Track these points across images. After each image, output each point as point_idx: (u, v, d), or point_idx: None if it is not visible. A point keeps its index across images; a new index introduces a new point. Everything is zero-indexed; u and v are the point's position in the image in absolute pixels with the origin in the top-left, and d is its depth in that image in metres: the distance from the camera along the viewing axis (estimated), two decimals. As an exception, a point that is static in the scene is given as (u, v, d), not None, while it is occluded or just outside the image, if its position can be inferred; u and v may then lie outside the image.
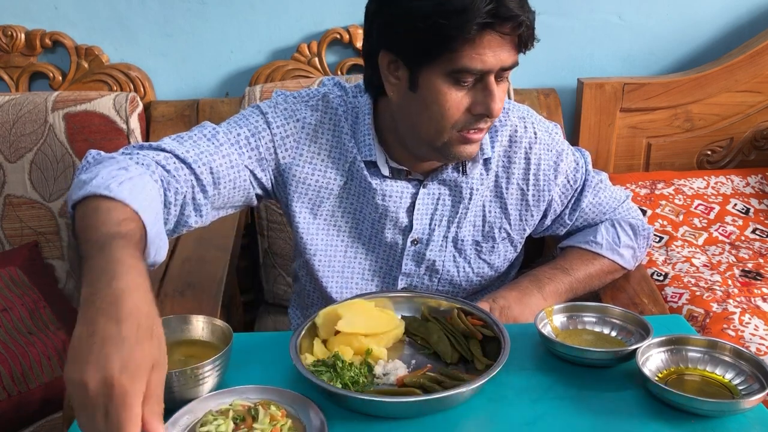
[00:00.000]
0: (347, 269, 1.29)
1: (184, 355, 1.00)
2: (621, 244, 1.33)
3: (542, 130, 1.27)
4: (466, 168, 1.21)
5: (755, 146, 2.14)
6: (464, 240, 1.26)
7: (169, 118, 1.98)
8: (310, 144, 1.20)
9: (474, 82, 1.06)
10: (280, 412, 0.88)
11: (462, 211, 1.24)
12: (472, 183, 1.23)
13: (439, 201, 1.23)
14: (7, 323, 1.61)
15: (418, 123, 1.11)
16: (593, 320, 1.08)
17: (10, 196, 1.89)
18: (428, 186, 1.22)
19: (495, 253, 1.29)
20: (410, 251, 1.26)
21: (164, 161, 1.07)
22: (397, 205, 1.22)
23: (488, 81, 1.05)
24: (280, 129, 1.19)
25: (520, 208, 1.27)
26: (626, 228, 1.35)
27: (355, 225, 1.26)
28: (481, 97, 1.06)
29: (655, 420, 0.90)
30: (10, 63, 2.02)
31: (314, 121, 1.20)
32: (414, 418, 0.91)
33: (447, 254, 1.27)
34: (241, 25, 2.04)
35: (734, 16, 2.10)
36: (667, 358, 0.99)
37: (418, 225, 1.24)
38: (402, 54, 1.07)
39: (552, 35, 2.09)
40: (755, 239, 1.88)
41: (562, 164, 1.28)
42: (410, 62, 1.07)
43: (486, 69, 1.04)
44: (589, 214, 1.34)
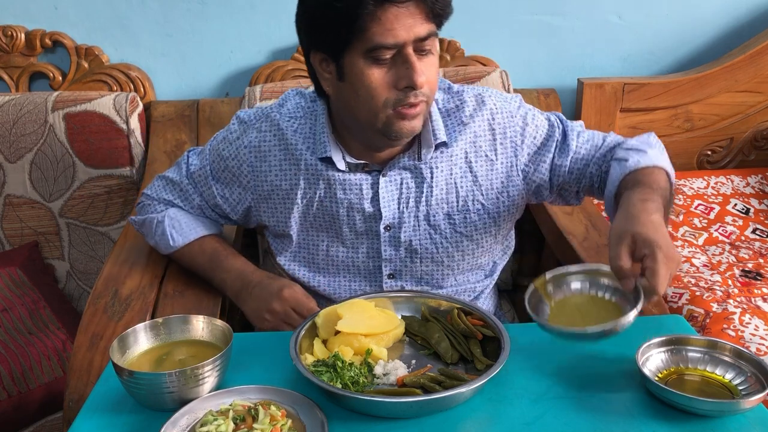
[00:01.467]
0: (332, 266, 1.32)
1: (184, 355, 1.00)
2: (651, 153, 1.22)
3: (501, 101, 1.30)
4: (421, 154, 1.24)
5: (755, 146, 2.14)
6: (436, 215, 1.28)
7: (169, 118, 1.98)
8: (261, 163, 1.29)
9: (393, 57, 1.10)
10: (280, 412, 0.88)
11: (427, 190, 1.26)
12: (431, 162, 1.25)
13: (402, 185, 1.26)
14: (7, 323, 1.61)
15: (355, 109, 1.16)
16: (586, 285, 1.05)
17: (10, 196, 1.89)
18: (388, 174, 1.25)
19: (470, 224, 1.29)
20: (386, 237, 1.29)
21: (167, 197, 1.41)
22: (359, 197, 1.26)
23: (406, 53, 1.09)
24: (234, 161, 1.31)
25: (491, 177, 1.28)
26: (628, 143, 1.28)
27: (330, 223, 1.30)
28: (403, 70, 1.10)
29: (655, 420, 0.90)
30: (10, 63, 2.02)
31: (257, 141, 1.29)
32: (414, 418, 0.91)
33: (422, 232, 1.29)
34: (241, 25, 2.04)
35: (734, 16, 2.10)
36: (668, 358, 0.99)
37: (386, 212, 1.27)
38: (324, 48, 1.14)
39: (552, 35, 2.09)
40: (755, 239, 1.88)
41: (529, 128, 1.29)
42: (333, 54, 1.13)
43: (399, 42, 1.08)
44: (582, 153, 1.30)
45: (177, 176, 1.39)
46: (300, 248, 1.33)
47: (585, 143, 1.31)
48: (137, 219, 1.43)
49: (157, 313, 1.29)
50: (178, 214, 1.37)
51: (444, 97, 1.28)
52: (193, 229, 1.37)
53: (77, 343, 1.23)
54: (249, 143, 1.30)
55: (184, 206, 1.39)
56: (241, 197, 1.33)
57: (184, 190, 1.38)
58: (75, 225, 1.91)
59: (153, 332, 1.02)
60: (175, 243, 1.36)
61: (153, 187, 1.43)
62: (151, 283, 1.37)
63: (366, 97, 1.13)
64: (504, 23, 2.08)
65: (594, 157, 1.30)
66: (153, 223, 1.38)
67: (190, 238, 1.36)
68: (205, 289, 1.35)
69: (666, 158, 1.27)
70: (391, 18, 1.06)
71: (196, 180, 1.37)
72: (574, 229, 1.55)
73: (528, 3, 2.06)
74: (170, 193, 1.39)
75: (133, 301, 1.31)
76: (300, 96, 1.33)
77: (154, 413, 0.92)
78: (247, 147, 1.30)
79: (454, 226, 1.29)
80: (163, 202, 1.40)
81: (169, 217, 1.37)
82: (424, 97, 1.13)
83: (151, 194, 1.42)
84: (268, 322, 1.25)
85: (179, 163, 1.40)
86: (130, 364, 0.97)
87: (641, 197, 1.07)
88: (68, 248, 1.92)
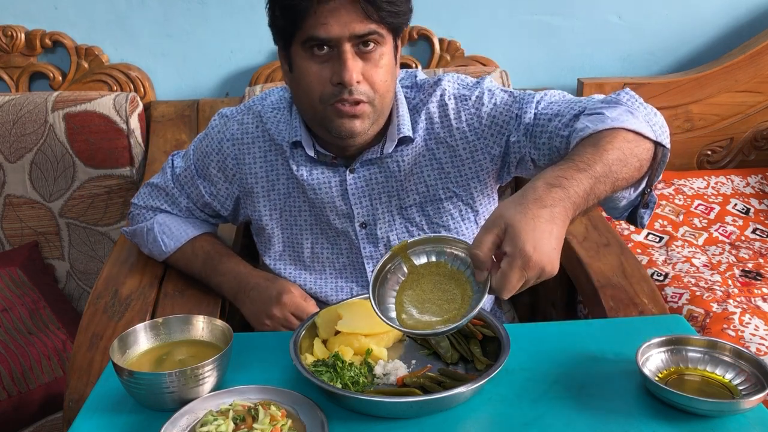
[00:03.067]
0: (317, 264, 1.32)
1: (184, 355, 1.00)
2: (610, 114, 1.05)
3: (456, 85, 1.27)
4: (384, 148, 1.23)
5: (755, 146, 2.14)
6: (409, 208, 1.27)
7: (169, 118, 1.98)
8: (244, 156, 1.30)
9: (330, 53, 1.11)
10: (280, 412, 0.88)
11: (396, 184, 1.26)
12: (397, 156, 1.24)
13: (371, 180, 1.26)
14: (7, 323, 1.61)
15: (299, 101, 1.20)
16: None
17: (10, 196, 1.89)
18: (356, 171, 1.25)
19: (445, 213, 1.28)
20: (363, 235, 1.29)
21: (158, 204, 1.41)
22: (329, 195, 1.26)
23: (341, 50, 1.10)
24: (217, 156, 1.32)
25: (457, 164, 1.26)
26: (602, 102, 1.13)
27: (311, 222, 1.30)
28: (337, 66, 1.11)
29: (655, 420, 0.90)
30: (10, 63, 2.02)
31: (240, 133, 1.30)
32: (414, 418, 0.91)
33: (398, 227, 1.28)
34: (241, 25, 2.04)
35: (734, 16, 2.10)
36: (667, 358, 0.99)
37: (358, 209, 1.27)
38: (278, 39, 1.18)
39: (552, 35, 2.09)
40: (755, 239, 1.88)
41: (485, 108, 1.23)
42: (283, 45, 1.17)
43: (331, 36, 1.09)
44: (541, 124, 1.17)
45: (162, 181, 1.39)
46: (285, 247, 1.33)
47: (546, 113, 1.18)
48: (128, 230, 1.44)
49: (157, 313, 1.29)
50: (166, 219, 1.38)
51: (410, 92, 1.27)
52: (183, 231, 1.37)
53: (77, 343, 1.23)
54: (231, 136, 1.30)
55: (172, 210, 1.39)
56: (229, 191, 1.33)
57: (171, 194, 1.38)
58: (75, 225, 1.91)
59: (153, 332, 1.02)
60: (167, 248, 1.36)
61: (140, 195, 1.43)
62: (151, 283, 1.37)
63: (305, 90, 1.15)
64: (504, 23, 2.08)
65: (557, 128, 1.15)
66: (144, 232, 1.39)
67: (181, 241, 1.36)
68: (205, 289, 1.35)
69: (637, 116, 1.06)
70: (326, 12, 1.08)
71: (182, 182, 1.37)
72: (574, 229, 1.55)
73: (528, 3, 2.06)
74: (157, 199, 1.40)
75: (133, 301, 1.31)
76: (284, 90, 1.33)
77: (154, 413, 0.92)
78: (229, 140, 1.30)
79: (429, 217, 1.28)
80: (151, 209, 1.40)
81: (158, 223, 1.37)
82: (363, 96, 1.13)
83: (138, 203, 1.43)
84: (268, 327, 1.25)
85: (164, 168, 1.41)
86: (130, 364, 0.97)
87: (551, 180, 0.92)
88: (68, 248, 1.92)
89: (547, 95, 1.23)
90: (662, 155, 1.07)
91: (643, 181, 1.07)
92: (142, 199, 1.42)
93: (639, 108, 1.10)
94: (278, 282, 1.28)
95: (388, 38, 1.13)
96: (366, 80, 1.12)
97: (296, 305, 1.24)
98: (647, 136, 1.04)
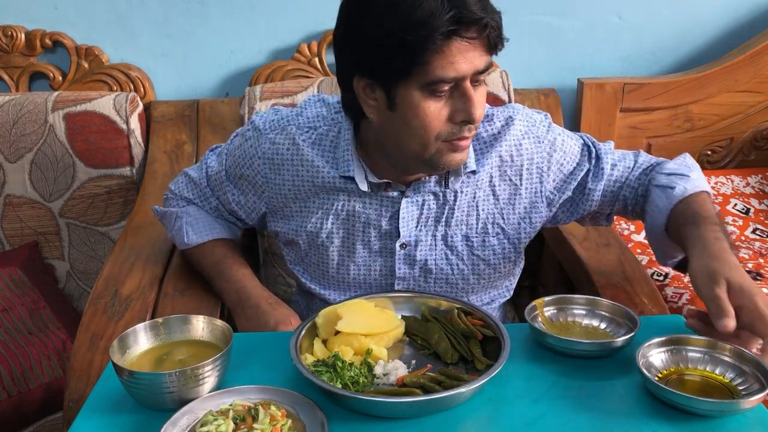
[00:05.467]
0: (343, 282, 1.30)
1: (184, 355, 1.00)
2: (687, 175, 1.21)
3: (529, 124, 1.26)
4: (449, 181, 1.21)
5: (755, 146, 2.14)
6: (454, 236, 1.26)
7: (169, 118, 1.98)
8: (275, 175, 1.27)
9: (450, 90, 1.06)
10: (280, 412, 0.88)
11: (448, 212, 1.24)
12: (455, 187, 1.23)
13: (424, 206, 1.24)
14: (7, 323, 1.61)
15: (403, 140, 1.12)
16: (582, 313, 1.11)
17: (10, 196, 1.89)
18: (411, 196, 1.23)
19: (488, 248, 1.27)
20: (401, 255, 1.26)
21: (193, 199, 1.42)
22: (378, 213, 1.24)
23: (465, 87, 1.05)
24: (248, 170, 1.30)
25: (514, 202, 1.26)
26: (667, 167, 1.25)
27: (344, 239, 1.27)
28: (460, 104, 1.06)
29: (655, 420, 0.90)
30: (10, 63, 2.02)
31: (271, 153, 1.26)
32: (414, 418, 0.91)
33: (438, 252, 1.27)
34: (241, 25, 2.04)
35: (734, 16, 2.10)
36: (667, 358, 0.99)
37: (404, 230, 1.24)
38: (375, 76, 1.07)
39: (552, 35, 2.09)
40: (755, 239, 1.88)
41: (557, 154, 1.25)
42: (384, 82, 1.07)
43: (460, 76, 1.04)
44: (615, 176, 1.28)
45: (197, 176, 1.39)
46: (311, 261, 1.31)
47: (618, 166, 1.28)
48: (159, 210, 1.44)
49: (157, 313, 1.29)
50: (197, 212, 1.38)
51: None
52: (209, 230, 1.37)
53: (77, 343, 1.23)
54: (263, 154, 1.26)
55: (203, 206, 1.39)
56: (256, 205, 1.32)
57: (203, 191, 1.38)
58: (75, 225, 1.91)
59: (153, 332, 1.02)
60: (189, 240, 1.36)
61: (177, 182, 1.43)
62: (151, 283, 1.37)
63: (419, 131, 1.08)
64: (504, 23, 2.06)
65: (627, 179, 1.27)
66: (173, 217, 1.39)
67: (205, 239, 1.36)
68: (205, 289, 1.35)
69: (703, 177, 1.24)
70: (455, 51, 1.02)
71: (213, 184, 1.37)
72: (574, 230, 1.55)
73: (528, 3, 2.06)
74: (191, 191, 1.40)
75: (133, 301, 1.31)
76: (322, 104, 1.28)
77: (154, 413, 0.92)
78: (261, 158, 1.27)
79: (471, 248, 1.27)
80: (184, 199, 1.41)
81: (188, 214, 1.38)
82: (475, 129, 1.11)
83: (174, 189, 1.43)
84: None
85: (201, 161, 1.40)
86: (130, 364, 0.97)
87: (714, 236, 1.06)
88: (68, 248, 1.92)
89: (609, 145, 1.30)
90: None
91: None
92: (178, 188, 1.42)
93: (701, 171, 1.26)
94: (279, 310, 1.25)
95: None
96: None
97: None
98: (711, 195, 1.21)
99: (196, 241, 1.36)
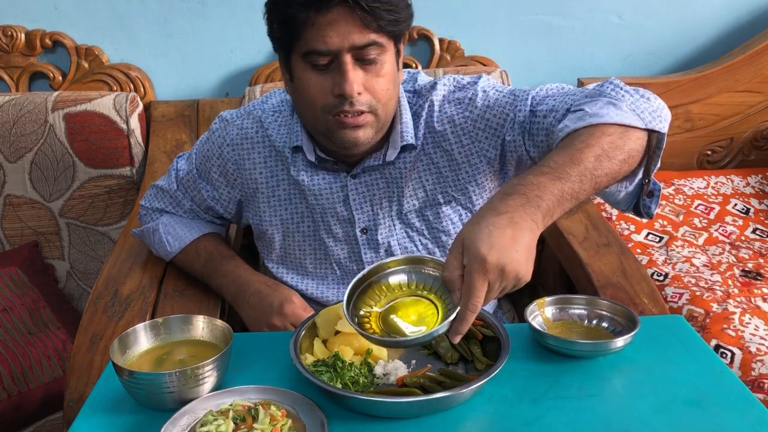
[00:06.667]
0: (319, 270, 1.32)
1: (184, 355, 1.00)
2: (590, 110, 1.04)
3: (451, 89, 1.25)
4: (386, 155, 1.22)
5: (755, 146, 2.14)
6: (409, 214, 1.27)
7: (169, 118, 1.98)
8: (244, 160, 1.29)
9: (330, 63, 1.09)
10: (280, 412, 0.88)
11: (397, 190, 1.25)
12: (399, 163, 1.24)
13: (372, 186, 1.26)
14: (7, 323, 1.61)
15: (301, 110, 1.19)
16: (582, 313, 1.11)
17: (10, 196, 1.89)
18: (358, 176, 1.25)
19: (445, 218, 1.27)
20: (363, 240, 1.28)
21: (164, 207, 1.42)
22: (330, 200, 1.26)
23: (341, 61, 1.08)
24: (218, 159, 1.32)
25: (454, 168, 1.24)
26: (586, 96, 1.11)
27: (312, 228, 1.30)
28: (338, 78, 1.10)
29: (655, 420, 0.90)
30: (10, 63, 2.02)
31: (239, 138, 1.29)
32: (414, 418, 0.91)
33: (398, 232, 1.28)
34: (241, 25, 2.04)
35: (734, 16, 2.10)
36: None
37: (359, 214, 1.27)
38: (278, 48, 1.16)
39: (552, 35, 2.09)
40: (755, 239, 1.88)
41: (477, 110, 1.21)
42: (283, 54, 1.15)
43: (331, 48, 1.07)
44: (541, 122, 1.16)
45: (167, 184, 1.40)
46: (286, 252, 1.33)
47: (542, 109, 1.16)
48: (137, 231, 1.44)
49: (157, 313, 1.29)
50: (171, 220, 1.39)
51: (413, 97, 1.26)
52: (187, 232, 1.37)
53: (77, 343, 1.23)
54: (231, 140, 1.29)
55: (176, 212, 1.40)
56: (231, 195, 1.33)
57: (174, 197, 1.39)
58: (75, 225, 1.91)
59: (153, 332, 1.02)
60: (171, 248, 1.37)
61: (147, 197, 1.44)
62: (151, 283, 1.37)
63: (306, 100, 1.14)
64: (504, 23, 2.08)
65: (551, 124, 1.14)
66: (150, 232, 1.40)
67: (185, 242, 1.36)
68: (205, 289, 1.35)
69: (620, 107, 1.04)
70: (324, 24, 1.06)
71: (186, 184, 1.37)
72: (573, 229, 1.55)
73: (528, 3, 2.06)
74: (161, 201, 1.40)
75: (133, 301, 1.31)
76: (285, 92, 1.32)
77: (154, 413, 0.92)
78: (229, 144, 1.29)
79: (428, 222, 1.28)
80: (156, 211, 1.41)
81: (163, 224, 1.38)
82: (365, 106, 1.11)
83: (145, 204, 1.43)
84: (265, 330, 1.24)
85: (169, 170, 1.41)
86: (130, 364, 0.97)
87: (506, 190, 0.92)
88: (68, 248, 1.92)
89: (543, 90, 1.20)
90: (657, 141, 1.04)
91: (639, 171, 1.06)
92: (149, 201, 1.43)
93: (624, 97, 1.06)
94: (279, 290, 1.28)
95: (389, 46, 1.11)
96: (368, 90, 1.11)
97: (297, 316, 1.23)
98: (635, 126, 1.02)
99: (178, 247, 1.36)
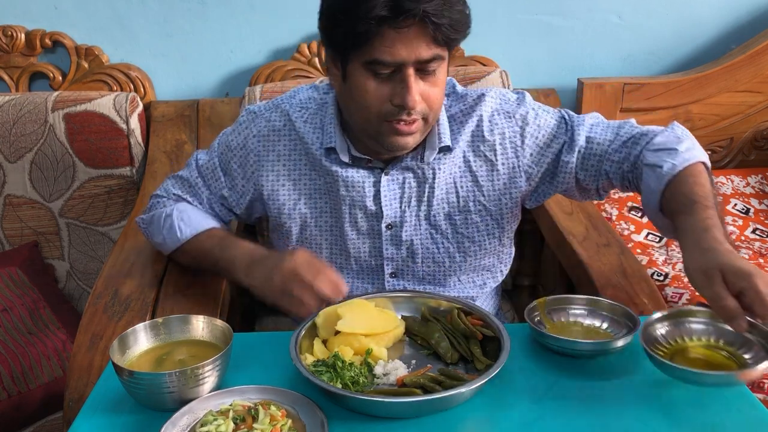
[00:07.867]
0: (335, 264, 1.33)
1: (184, 355, 1.00)
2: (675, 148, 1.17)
3: (500, 101, 1.29)
4: (424, 156, 1.25)
5: (755, 146, 2.14)
6: (437, 216, 1.28)
7: (169, 118, 1.98)
8: (268, 152, 1.31)
9: (392, 73, 1.11)
10: (280, 412, 0.88)
11: (428, 190, 1.27)
12: (434, 164, 1.26)
13: (404, 184, 1.27)
14: (7, 323, 1.61)
15: (352, 112, 1.19)
16: (582, 313, 1.11)
17: (10, 196, 1.89)
18: (390, 173, 1.26)
19: (471, 225, 1.29)
20: (387, 236, 1.29)
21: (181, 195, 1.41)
22: (361, 194, 1.27)
23: (405, 74, 1.10)
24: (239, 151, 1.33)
25: (492, 178, 1.28)
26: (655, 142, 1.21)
27: (333, 220, 1.31)
28: (399, 88, 1.11)
29: (656, 420, 0.90)
30: (10, 63, 2.02)
31: (266, 130, 1.31)
32: (414, 418, 0.91)
33: (423, 232, 1.29)
34: (241, 25, 2.04)
35: (734, 16, 2.10)
36: (670, 332, 1.03)
37: (388, 210, 1.27)
38: (333, 48, 1.15)
39: (552, 35, 2.09)
40: (755, 239, 1.88)
41: (529, 128, 1.27)
42: (339, 55, 1.14)
43: (397, 61, 1.08)
44: (593, 148, 1.26)
45: (186, 173, 1.40)
46: (303, 245, 1.33)
47: (596, 138, 1.26)
48: (145, 217, 1.42)
49: (157, 313, 1.29)
50: (187, 207, 1.38)
51: (447, 100, 1.28)
52: (201, 221, 1.35)
53: (77, 343, 1.23)
54: (258, 132, 1.31)
55: (193, 201, 1.39)
56: (245, 188, 1.34)
57: (194, 185, 1.38)
58: (75, 225, 1.91)
59: (153, 332, 1.02)
60: (182, 235, 1.34)
61: (164, 186, 1.43)
62: (151, 283, 1.37)
63: (361, 105, 1.15)
64: (504, 23, 2.08)
65: (606, 152, 1.25)
66: (161, 218, 1.37)
67: (198, 230, 1.34)
68: (205, 289, 1.35)
69: (697, 146, 1.20)
70: (394, 37, 1.06)
71: (204, 173, 1.37)
72: (574, 229, 1.55)
73: (528, 3, 2.06)
74: (180, 188, 1.40)
75: (133, 301, 1.31)
76: (313, 89, 1.34)
77: (154, 413, 0.92)
78: (255, 136, 1.31)
79: (455, 226, 1.29)
80: (172, 198, 1.40)
81: (178, 209, 1.36)
82: (419, 115, 1.14)
83: (160, 193, 1.42)
84: (276, 288, 1.12)
85: (189, 162, 1.42)
86: (130, 364, 0.97)
87: (703, 225, 1.02)
88: (68, 248, 1.92)
89: (590, 117, 1.29)
90: None
91: None
92: (165, 190, 1.41)
93: (692, 138, 1.22)
94: (293, 251, 1.18)
95: (446, 56, 1.14)
96: (424, 99, 1.13)
97: (307, 258, 1.14)
98: (707, 166, 1.18)
99: (189, 234, 1.33)
